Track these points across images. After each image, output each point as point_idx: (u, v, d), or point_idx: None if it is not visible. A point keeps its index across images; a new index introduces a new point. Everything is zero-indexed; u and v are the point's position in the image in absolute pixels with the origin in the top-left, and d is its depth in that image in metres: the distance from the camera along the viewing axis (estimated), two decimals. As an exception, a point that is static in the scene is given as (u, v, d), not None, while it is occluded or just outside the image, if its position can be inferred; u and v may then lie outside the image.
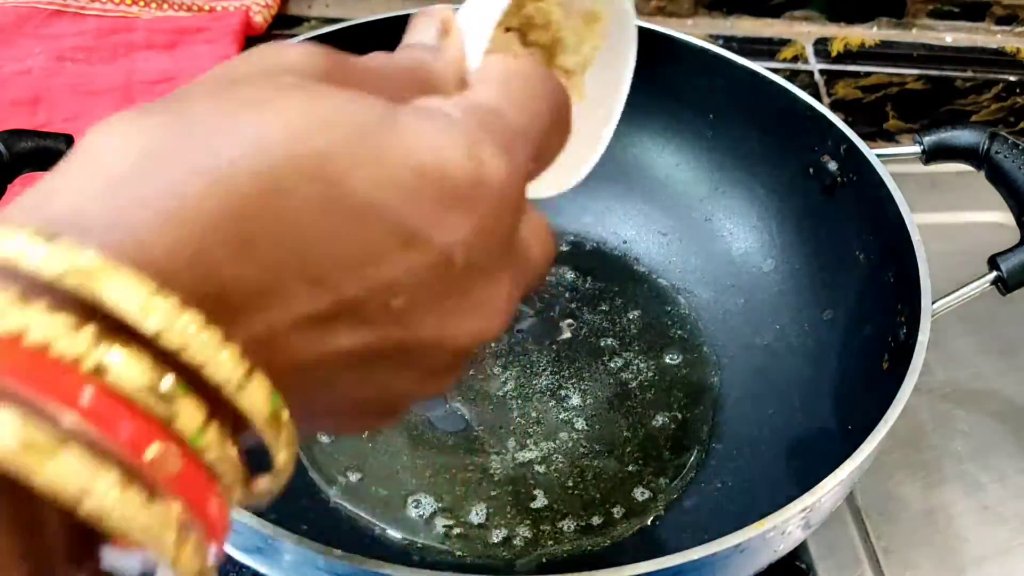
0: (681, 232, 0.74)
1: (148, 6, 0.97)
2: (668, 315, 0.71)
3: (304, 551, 0.42)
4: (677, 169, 0.74)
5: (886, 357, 0.56)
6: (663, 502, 0.60)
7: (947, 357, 0.74)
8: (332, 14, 1.03)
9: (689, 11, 1.07)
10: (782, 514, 0.45)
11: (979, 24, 1.08)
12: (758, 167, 0.70)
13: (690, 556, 0.42)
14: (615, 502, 0.60)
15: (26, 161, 0.57)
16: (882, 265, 0.60)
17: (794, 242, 0.69)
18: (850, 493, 0.63)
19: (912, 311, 0.54)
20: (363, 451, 0.61)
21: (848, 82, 1.00)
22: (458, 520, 0.58)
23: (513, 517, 0.59)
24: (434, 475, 0.60)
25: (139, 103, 0.94)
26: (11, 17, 0.93)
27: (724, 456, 0.62)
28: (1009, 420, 0.70)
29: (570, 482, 0.61)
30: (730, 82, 0.69)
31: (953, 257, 0.62)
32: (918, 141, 0.62)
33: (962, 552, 0.63)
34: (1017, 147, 0.59)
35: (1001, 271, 0.56)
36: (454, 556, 0.57)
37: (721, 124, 0.72)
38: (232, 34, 0.94)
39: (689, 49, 0.69)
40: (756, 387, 0.65)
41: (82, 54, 0.91)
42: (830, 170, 0.64)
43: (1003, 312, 0.76)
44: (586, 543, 0.58)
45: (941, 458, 0.68)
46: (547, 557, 0.57)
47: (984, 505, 0.65)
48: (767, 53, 1.02)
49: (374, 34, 0.71)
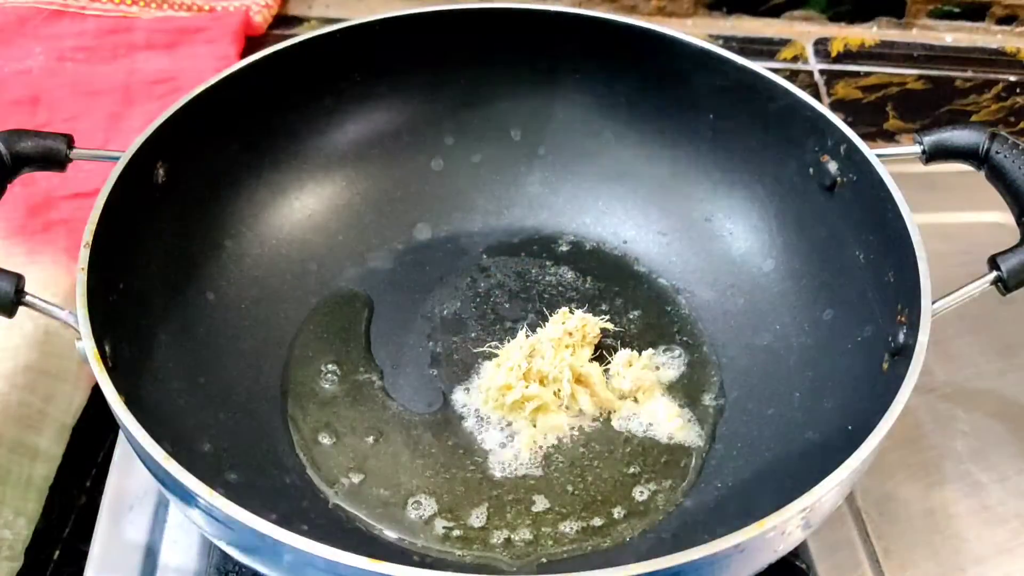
0: (681, 232, 0.74)
1: (148, 6, 0.97)
2: (668, 315, 0.71)
3: (304, 551, 0.42)
4: (677, 169, 0.74)
5: (886, 357, 0.56)
6: (663, 503, 0.60)
7: (947, 357, 0.74)
8: (332, 14, 1.03)
9: (689, 11, 1.07)
10: (782, 514, 0.45)
11: (979, 24, 1.08)
12: (758, 167, 0.70)
13: (690, 556, 0.42)
14: (615, 503, 0.60)
15: (26, 161, 0.57)
16: (882, 265, 0.60)
17: (794, 242, 0.69)
18: (850, 493, 0.63)
19: (912, 311, 0.54)
20: (363, 452, 0.62)
21: (848, 82, 1.00)
22: (458, 521, 0.58)
23: (514, 518, 0.59)
24: (434, 476, 0.61)
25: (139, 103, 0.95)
26: (11, 17, 0.93)
27: (724, 456, 0.62)
28: (1009, 420, 0.70)
29: (570, 483, 0.61)
30: (730, 82, 0.69)
31: (953, 257, 0.62)
32: (918, 141, 0.62)
33: (962, 552, 0.63)
34: (1017, 147, 0.59)
35: (1001, 271, 0.56)
36: (454, 556, 0.57)
37: (721, 124, 0.71)
38: (232, 34, 0.94)
39: (689, 49, 0.69)
40: (756, 387, 0.65)
41: (82, 54, 0.91)
42: (830, 170, 0.64)
43: (1003, 312, 0.76)
44: (587, 544, 0.58)
45: (941, 458, 0.68)
46: (548, 558, 0.57)
47: (984, 505, 0.65)
48: (767, 53, 1.03)
49: (374, 34, 0.71)
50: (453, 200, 0.76)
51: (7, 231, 0.72)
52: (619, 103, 0.74)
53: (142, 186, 0.60)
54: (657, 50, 0.71)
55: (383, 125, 0.75)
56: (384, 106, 0.74)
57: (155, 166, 0.61)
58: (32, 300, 0.52)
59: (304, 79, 0.70)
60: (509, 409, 0.63)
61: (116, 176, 0.58)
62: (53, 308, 0.52)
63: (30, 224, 0.73)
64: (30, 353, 0.64)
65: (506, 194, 0.76)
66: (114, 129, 0.84)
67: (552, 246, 0.75)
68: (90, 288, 0.52)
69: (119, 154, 0.59)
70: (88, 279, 0.52)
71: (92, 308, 0.51)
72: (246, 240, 0.69)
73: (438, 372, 0.66)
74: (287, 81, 0.69)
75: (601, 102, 0.75)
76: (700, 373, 0.67)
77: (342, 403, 0.64)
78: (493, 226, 0.76)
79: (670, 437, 0.63)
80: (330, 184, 0.74)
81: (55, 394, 0.65)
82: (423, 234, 0.75)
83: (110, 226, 0.55)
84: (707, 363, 0.67)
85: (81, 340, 0.50)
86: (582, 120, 0.76)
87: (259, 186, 0.70)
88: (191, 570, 0.59)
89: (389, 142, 0.75)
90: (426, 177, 0.76)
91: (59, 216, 0.75)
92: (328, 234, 0.73)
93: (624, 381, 0.64)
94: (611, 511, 0.59)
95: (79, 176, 0.63)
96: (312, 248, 0.72)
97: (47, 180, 0.74)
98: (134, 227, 0.59)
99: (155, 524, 0.61)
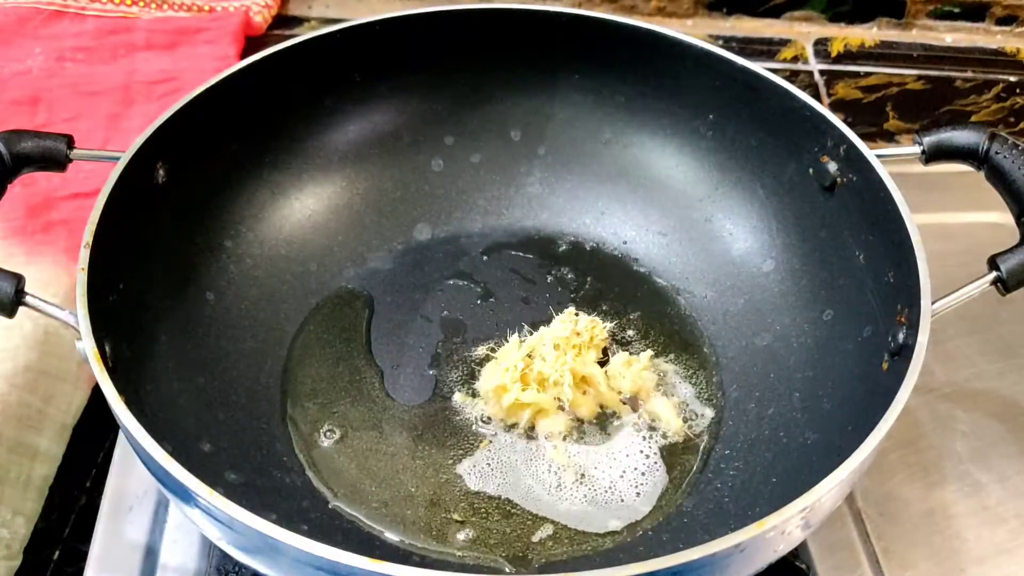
0: (681, 232, 0.74)
1: (148, 6, 0.97)
2: (668, 315, 0.71)
3: (304, 551, 0.42)
4: (677, 169, 0.74)
5: (886, 357, 0.56)
6: (664, 503, 0.60)
7: (947, 357, 0.74)
8: (332, 14, 1.03)
9: (689, 11, 1.07)
10: (782, 514, 0.45)
11: (979, 24, 1.08)
12: (758, 167, 0.70)
13: (690, 556, 0.42)
14: (616, 503, 0.59)
15: (26, 161, 0.57)
16: (882, 265, 0.60)
17: (794, 242, 0.69)
18: (850, 493, 0.63)
19: (912, 311, 0.54)
20: (363, 452, 0.61)
21: (848, 82, 1.00)
22: (459, 521, 0.58)
23: (514, 518, 0.59)
24: (434, 476, 0.61)
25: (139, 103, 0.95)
26: (11, 17, 0.93)
27: (724, 456, 0.62)
28: (1009, 420, 0.70)
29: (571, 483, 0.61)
30: (730, 82, 0.69)
31: (953, 257, 0.62)
32: (918, 141, 0.62)
33: (962, 552, 0.63)
34: (1017, 147, 0.59)
35: (1001, 271, 0.56)
36: (454, 556, 0.57)
37: (721, 124, 0.72)
38: (232, 34, 0.94)
39: (689, 49, 0.69)
40: (756, 387, 0.65)
41: (82, 54, 0.91)
42: (830, 170, 0.64)
43: (1003, 312, 0.76)
44: (586, 545, 0.58)
45: (941, 458, 0.68)
46: (547, 558, 0.57)
47: (984, 505, 0.65)
48: (767, 53, 1.03)
49: (374, 34, 0.71)
50: (453, 200, 0.76)
51: (7, 231, 0.72)
52: (619, 103, 0.75)
53: (142, 186, 0.60)
54: (657, 50, 0.71)
55: (383, 125, 0.75)
56: (384, 106, 0.74)
57: (155, 166, 0.62)
58: (32, 300, 0.52)
59: (304, 79, 0.70)
60: (507, 411, 0.62)
61: (116, 176, 0.58)
62: (53, 308, 0.52)
63: (30, 224, 0.73)
64: (30, 353, 0.64)
65: (506, 194, 0.76)
66: (114, 129, 0.84)
67: (552, 246, 0.75)
68: (90, 288, 0.52)
69: (119, 154, 0.59)
70: (88, 279, 0.52)
71: (92, 308, 0.51)
72: (246, 240, 0.69)
73: (438, 372, 0.66)
74: (287, 81, 0.69)
75: (601, 102, 0.75)
76: (700, 373, 0.67)
77: (342, 403, 0.64)
78: (493, 226, 0.76)
79: (670, 437, 0.63)
80: (330, 184, 0.74)
81: (55, 394, 0.65)
82: (423, 234, 0.75)
83: (110, 226, 0.55)
84: (707, 363, 0.67)
85: (81, 340, 0.50)
86: (582, 120, 0.76)
87: (259, 186, 0.70)
88: (191, 570, 0.59)
89: (389, 142, 0.75)
90: (426, 177, 0.76)
91: (59, 216, 0.75)
92: (328, 234, 0.73)
93: (624, 382, 0.64)
94: (611, 511, 0.59)
95: (79, 176, 0.63)
96: (312, 248, 0.72)
97: (47, 180, 0.74)
98: (134, 227, 0.59)
99: (155, 524, 0.61)
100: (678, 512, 0.59)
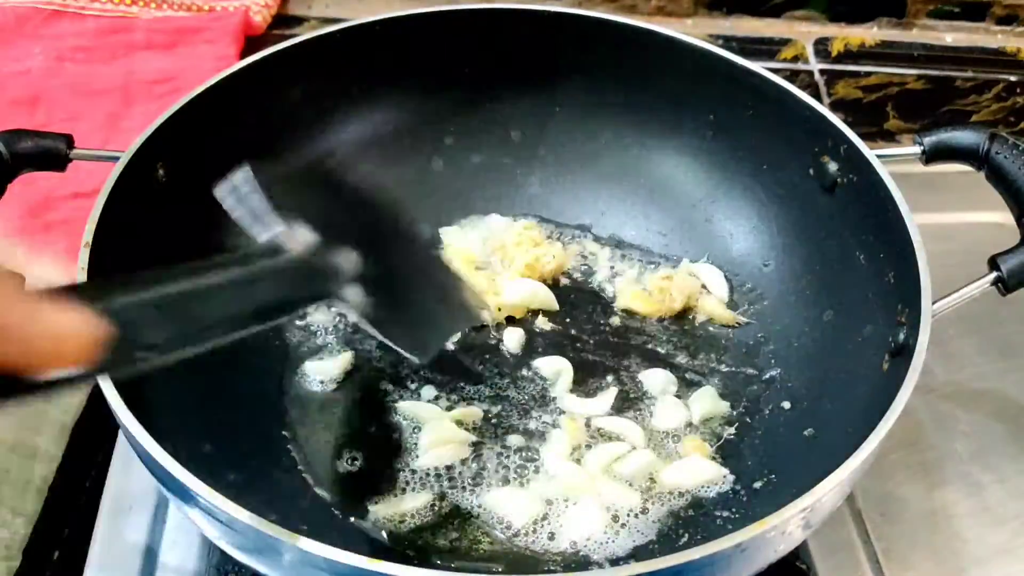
0: (681, 232, 0.74)
1: (148, 6, 0.97)
2: (668, 315, 0.71)
3: (304, 551, 0.42)
4: (677, 169, 0.74)
5: (886, 357, 0.56)
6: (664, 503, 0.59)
7: (947, 357, 0.74)
8: (332, 14, 1.03)
9: (689, 11, 1.07)
10: (782, 514, 0.45)
11: (979, 24, 1.08)
12: (758, 167, 0.70)
13: (690, 556, 0.42)
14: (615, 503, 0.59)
15: (26, 161, 0.57)
16: (882, 266, 0.60)
17: (794, 243, 0.69)
18: (850, 494, 0.63)
19: (912, 311, 0.54)
20: (363, 452, 0.61)
21: (848, 82, 1.00)
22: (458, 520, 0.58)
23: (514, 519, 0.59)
24: (435, 475, 0.60)
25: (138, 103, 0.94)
26: (11, 17, 0.93)
27: (724, 456, 0.62)
28: (1009, 420, 0.70)
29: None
30: (730, 82, 0.69)
31: (953, 257, 0.62)
32: (918, 141, 0.62)
33: (962, 553, 0.63)
34: (1017, 147, 0.59)
35: (1001, 271, 0.56)
36: (455, 557, 0.57)
37: (721, 124, 0.71)
38: (232, 34, 0.94)
39: (689, 49, 0.69)
40: (756, 387, 0.65)
41: (82, 54, 0.91)
42: (830, 171, 0.64)
43: (1003, 312, 0.76)
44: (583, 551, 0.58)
45: (941, 459, 0.68)
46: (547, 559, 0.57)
47: (984, 506, 0.65)
48: (767, 53, 1.02)
49: (374, 34, 0.71)
50: (453, 200, 0.76)
51: (7, 231, 0.72)
52: (618, 103, 0.74)
53: (142, 186, 0.60)
54: (657, 50, 0.71)
55: (383, 125, 0.75)
56: (384, 106, 0.74)
57: (155, 166, 0.61)
58: (32, 300, 0.52)
59: (304, 79, 0.70)
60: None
61: (116, 176, 0.58)
62: (53, 308, 0.52)
63: (30, 224, 0.73)
64: (30, 353, 0.64)
65: (506, 194, 0.76)
66: (114, 129, 0.84)
67: (552, 246, 0.75)
68: (90, 288, 0.52)
69: (119, 154, 0.59)
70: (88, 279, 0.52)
71: (92, 308, 0.51)
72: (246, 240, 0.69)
73: (438, 372, 0.66)
74: (287, 81, 0.69)
75: (601, 102, 0.75)
76: (700, 374, 0.67)
77: (342, 403, 0.64)
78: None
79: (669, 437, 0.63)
80: (330, 184, 0.74)
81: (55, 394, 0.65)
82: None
83: (110, 226, 0.55)
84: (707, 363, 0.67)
85: (81, 340, 0.50)
86: (582, 120, 0.76)
87: (259, 186, 0.70)
88: (191, 570, 0.59)
89: (389, 142, 0.75)
90: (426, 177, 0.75)
91: (59, 216, 0.75)
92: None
93: (675, 300, 0.69)
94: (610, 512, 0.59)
95: (79, 176, 0.63)
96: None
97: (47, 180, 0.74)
98: (134, 227, 0.59)
99: (155, 524, 0.61)
100: (678, 512, 0.59)
